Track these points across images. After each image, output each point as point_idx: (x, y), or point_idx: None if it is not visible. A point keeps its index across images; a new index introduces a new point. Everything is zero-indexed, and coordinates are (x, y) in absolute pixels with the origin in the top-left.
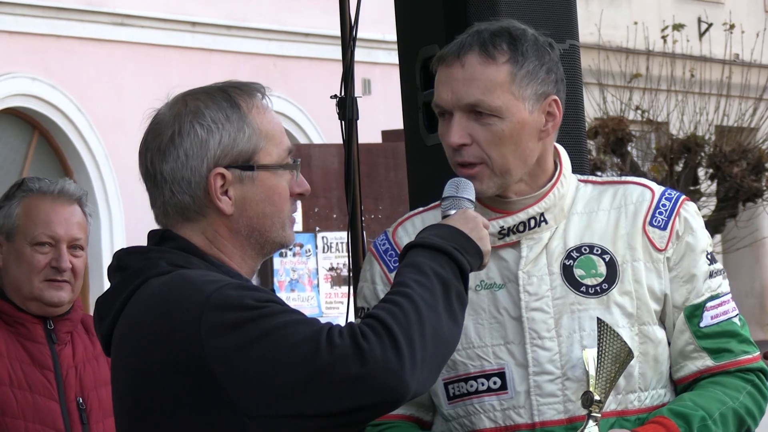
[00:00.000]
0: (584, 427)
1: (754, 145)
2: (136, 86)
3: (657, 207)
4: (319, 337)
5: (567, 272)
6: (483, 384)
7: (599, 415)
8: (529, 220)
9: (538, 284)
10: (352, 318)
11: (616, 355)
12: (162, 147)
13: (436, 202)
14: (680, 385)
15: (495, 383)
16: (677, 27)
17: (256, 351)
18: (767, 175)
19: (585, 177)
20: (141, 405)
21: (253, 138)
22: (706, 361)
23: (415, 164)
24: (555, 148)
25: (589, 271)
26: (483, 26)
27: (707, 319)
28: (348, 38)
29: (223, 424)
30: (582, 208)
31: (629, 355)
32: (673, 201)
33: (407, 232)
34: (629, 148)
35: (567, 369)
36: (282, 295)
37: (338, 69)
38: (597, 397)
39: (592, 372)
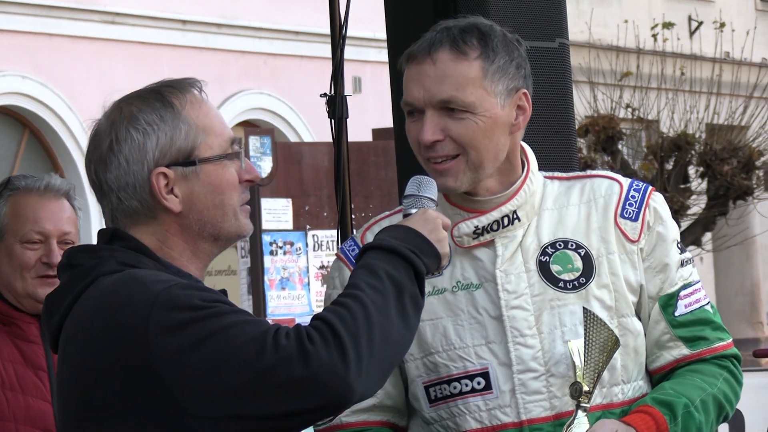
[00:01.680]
0: (573, 418)
1: (744, 143)
2: (126, 84)
3: (627, 199)
4: (265, 338)
5: (543, 268)
6: (467, 385)
7: (588, 406)
8: (502, 218)
9: (516, 282)
10: None
11: (603, 344)
12: (102, 157)
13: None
14: (656, 376)
15: (479, 383)
16: (667, 25)
17: (203, 351)
18: (757, 173)
19: (550, 174)
20: (86, 403)
21: (190, 134)
22: (682, 350)
23: (405, 162)
24: (521, 146)
25: (565, 266)
26: (450, 23)
27: (681, 308)
28: (338, 36)
29: (167, 423)
30: (552, 203)
31: (616, 343)
32: (641, 192)
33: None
34: (620, 146)
35: (551, 365)
36: (273, 293)
37: (328, 67)
38: (586, 388)
39: (578, 363)
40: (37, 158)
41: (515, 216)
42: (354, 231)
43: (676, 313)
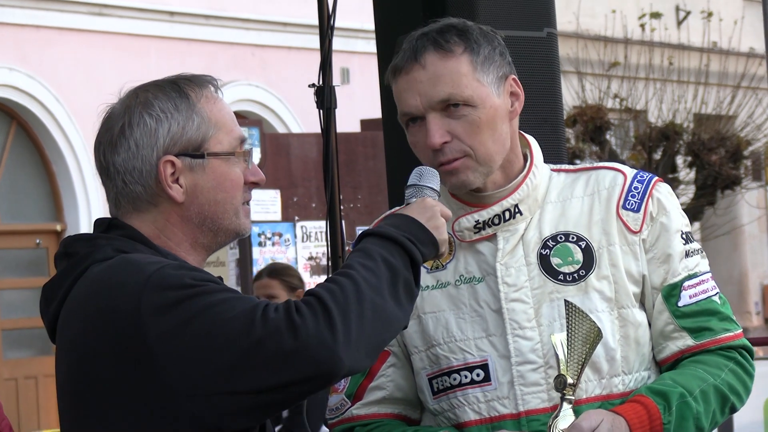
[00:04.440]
0: (559, 411)
1: (732, 133)
2: (114, 76)
3: (629, 190)
4: (255, 312)
5: (544, 261)
6: (466, 376)
7: (573, 398)
8: (503, 212)
9: (516, 275)
10: None
11: (585, 337)
12: (113, 139)
13: None
14: (664, 366)
15: (478, 375)
16: (655, 15)
17: (194, 328)
18: (745, 163)
19: (558, 166)
20: (83, 386)
21: (202, 126)
22: (686, 341)
23: (394, 153)
24: (525, 138)
25: (565, 259)
26: (425, 29)
27: (685, 299)
28: (326, 27)
29: (159, 403)
30: (556, 196)
31: (599, 335)
32: (645, 183)
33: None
34: (608, 137)
35: (549, 357)
36: None
37: (317, 58)
38: (570, 380)
39: (562, 356)
40: (24, 150)
41: (517, 210)
42: (343, 222)
43: (680, 304)
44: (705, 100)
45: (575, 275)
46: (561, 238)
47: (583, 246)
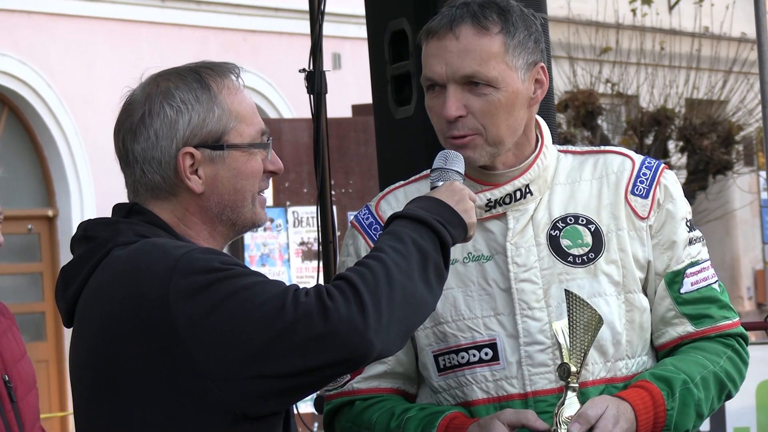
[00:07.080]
0: (564, 399)
1: (723, 118)
2: (105, 62)
3: (638, 176)
4: (285, 296)
5: (553, 242)
6: (474, 355)
7: (577, 386)
8: (515, 192)
9: (526, 255)
10: None
11: (587, 324)
12: (133, 127)
13: (418, 175)
14: (661, 352)
15: (486, 354)
16: (647, 1)
17: (223, 312)
18: (737, 148)
19: (564, 147)
20: (106, 372)
21: (223, 118)
22: (686, 327)
23: (384, 138)
24: (536, 120)
25: (575, 241)
26: None
27: (687, 286)
28: (316, 12)
29: (185, 389)
30: (564, 178)
31: (600, 322)
32: (653, 169)
33: (390, 204)
34: (599, 122)
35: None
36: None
37: (308, 43)
38: (573, 368)
39: (564, 343)
40: (16, 136)
41: (528, 190)
42: (335, 207)
43: (682, 290)
44: (696, 85)
45: (584, 258)
46: (571, 220)
47: (592, 229)
